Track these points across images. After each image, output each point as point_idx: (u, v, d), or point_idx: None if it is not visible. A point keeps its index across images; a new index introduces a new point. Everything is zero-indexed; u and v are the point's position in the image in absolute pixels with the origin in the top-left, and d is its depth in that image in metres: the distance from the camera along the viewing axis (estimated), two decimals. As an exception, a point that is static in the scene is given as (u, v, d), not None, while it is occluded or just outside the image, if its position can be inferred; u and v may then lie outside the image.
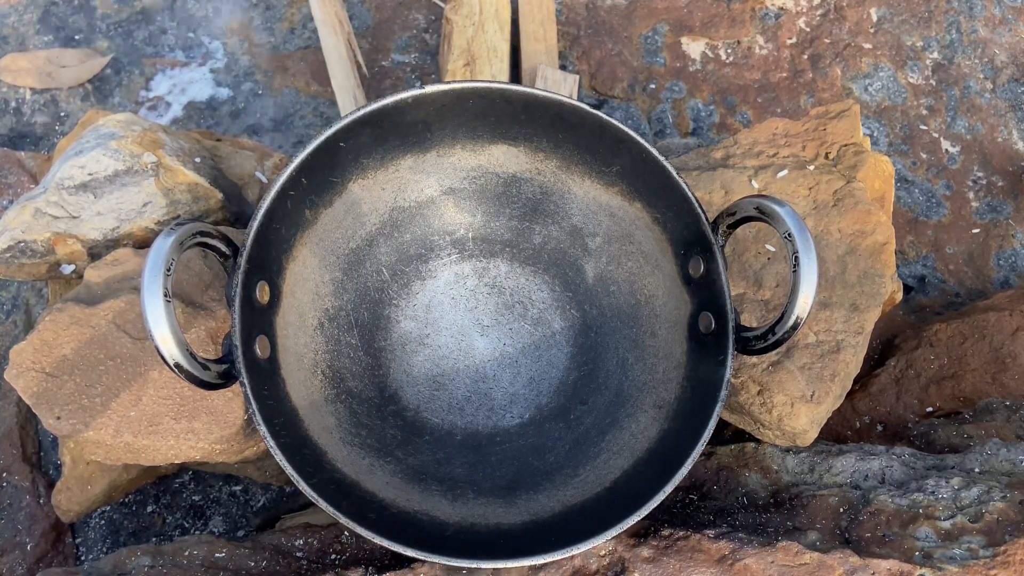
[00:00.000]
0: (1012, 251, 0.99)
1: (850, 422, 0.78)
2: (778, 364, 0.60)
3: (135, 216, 0.63)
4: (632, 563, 0.52)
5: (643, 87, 1.06)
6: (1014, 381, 0.74)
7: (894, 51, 1.10)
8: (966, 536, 0.53)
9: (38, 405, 0.53)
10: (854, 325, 0.60)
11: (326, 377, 0.59)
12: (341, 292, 0.62)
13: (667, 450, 0.55)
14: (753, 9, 1.10)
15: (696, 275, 0.59)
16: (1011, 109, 1.07)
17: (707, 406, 0.54)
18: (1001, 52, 1.11)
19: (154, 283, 0.43)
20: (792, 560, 0.51)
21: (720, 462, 0.64)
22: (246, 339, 0.51)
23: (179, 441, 0.54)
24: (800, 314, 0.50)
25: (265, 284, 0.54)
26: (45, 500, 0.75)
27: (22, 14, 1.04)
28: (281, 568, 0.57)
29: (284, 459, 0.48)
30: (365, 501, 0.52)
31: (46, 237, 0.61)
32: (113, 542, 0.77)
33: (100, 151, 0.62)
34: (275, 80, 1.03)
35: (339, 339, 0.62)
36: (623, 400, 0.63)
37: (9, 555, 0.72)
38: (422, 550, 0.48)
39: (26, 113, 0.99)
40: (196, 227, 0.48)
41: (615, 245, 0.65)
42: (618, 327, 0.65)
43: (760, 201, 0.52)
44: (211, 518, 0.79)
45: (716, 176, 0.68)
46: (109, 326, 0.55)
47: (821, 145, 0.70)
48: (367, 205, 0.63)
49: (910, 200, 1.02)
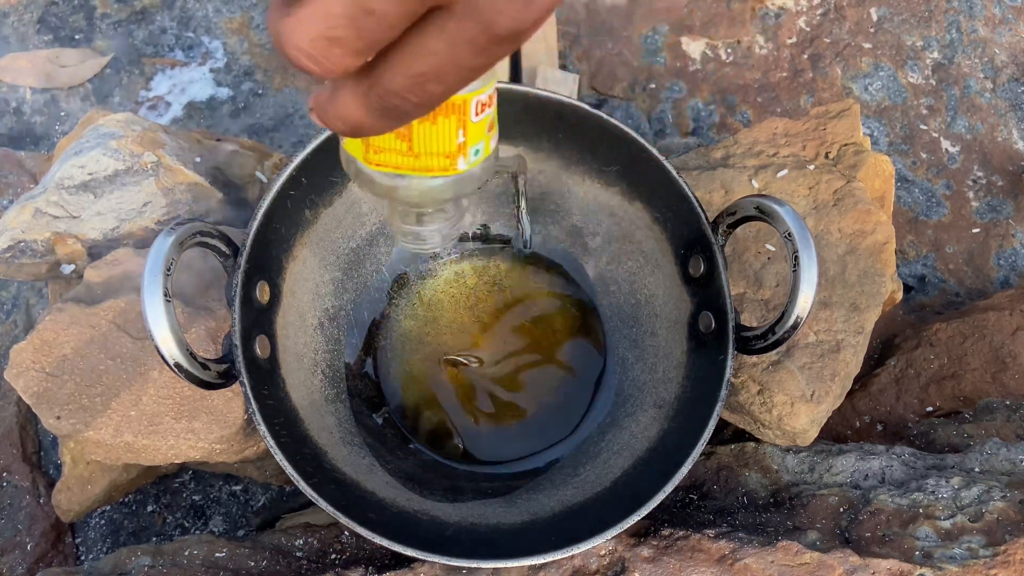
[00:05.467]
0: (1012, 251, 0.99)
1: (850, 422, 0.78)
2: (778, 364, 0.60)
3: (135, 216, 0.62)
4: (632, 563, 0.52)
5: (643, 87, 1.06)
6: (1014, 381, 0.74)
7: (894, 51, 1.10)
8: (966, 536, 0.53)
9: (38, 405, 0.53)
10: (854, 325, 0.60)
11: (326, 377, 0.59)
12: (341, 292, 0.62)
13: (667, 450, 0.55)
14: (753, 9, 1.10)
15: (696, 275, 0.59)
16: (1011, 109, 1.07)
17: (707, 406, 0.54)
18: (1001, 52, 1.10)
19: (154, 283, 0.43)
20: (792, 560, 0.51)
21: (720, 462, 0.64)
22: (246, 339, 0.51)
23: (179, 441, 0.54)
24: (800, 314, 0.50)
25: (265, 284, 0.54)
26: (45, 500, 0.75)
27: (22, 14, 1.04)
28: (281, 568, 0.57)
29: (284, 459, 0.48)
30: (365, 501, 0.52)
31: (46, 237, 0.61)
32: (113, 542, 0.77)
33: (100, 151, 0.62)
34: (275, 80, 1.03)
35: (339, 339, 0.62)
36: (623, 399, 0.63)
37: (9, 555, 0.72)
38: (422, 550, 0.48)
39: (26, 113, 0.99)
40: (196, 227, 0.48)
41: (615, 245, 0.65)
42: (618, 326, 0.65)
43: (760, 201, 0.52)
44: (211, 518, 0.79)
45: (716, 176, 0.68)
46: (109, 326, 0.55)
47: (821, 145, 0.70)
48: (367, 205, 0.63)
49: (910, 200, 1.02)
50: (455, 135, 0.30)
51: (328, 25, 0.21)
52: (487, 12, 0.21)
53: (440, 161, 0.31)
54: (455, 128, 0.30)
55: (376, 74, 0.23)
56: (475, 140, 0.31)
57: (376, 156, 0.31)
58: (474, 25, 0.21)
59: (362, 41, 0.21)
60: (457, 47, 0.22)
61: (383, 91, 0.23)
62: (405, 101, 0.23)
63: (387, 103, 0.23)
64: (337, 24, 0.21)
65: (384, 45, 0.22)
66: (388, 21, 0.21)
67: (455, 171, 0.31)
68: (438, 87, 0.23)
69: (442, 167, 0.31)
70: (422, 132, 0.29)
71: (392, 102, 0.23)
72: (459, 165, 0.31)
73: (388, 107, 0.24)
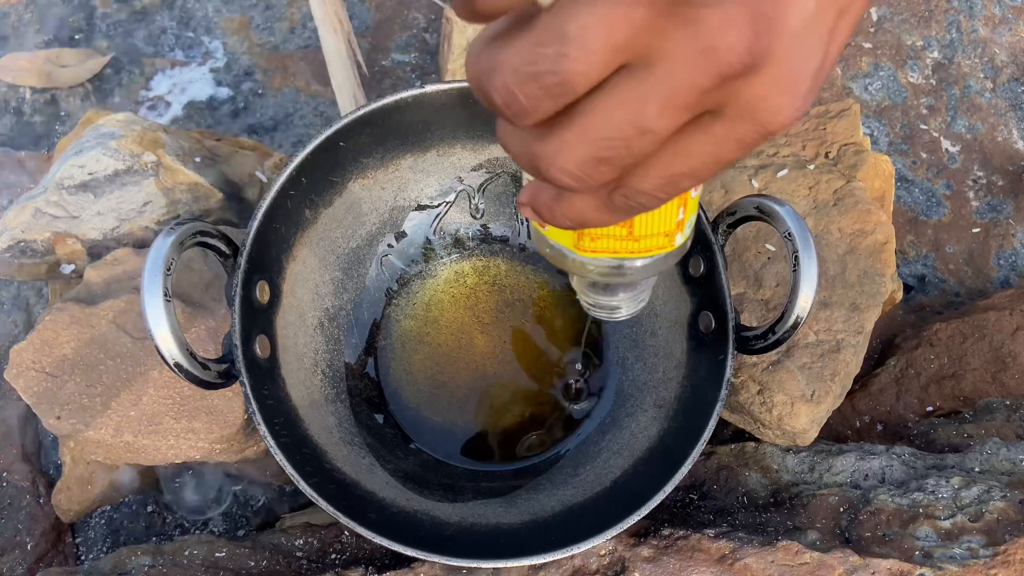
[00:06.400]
0: (1012, 250, 0.99)
1: (850, 421, 0.78)
2: (778, 363, 0.59)
3: (135, 216, 0.62)
4: (632, 563, 0.52)
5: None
6: (1014, 380, 0.74)
7: (894, 50, 1.10)
8: (966, 535, 0.53)
9: (38, 405, 0.53)
10: (854, 324, 0.60)
11: (326, 377, 0.59)
12: (341, 292, 0.62)
13: (667, 449, 0.55)
14: (753, 8, 1.10)
15: (696, 274, 0.59)
16: (1011, 108, 1.07)
17: (707, 406, 0.54)
18: (1001, 51, 1.10)
19: (154, 283, 0.43)
20: (792, 559, 0.51)
21: (720, 462, 0.64)
22: (246, 339, 0.51)
23: (179, 441, 0.54)
24: (800, 313, 0.50)
25: (265, 284, 0.54)
26: (45, 500, 0.75)
27: (22, 14, 1.04)
28: (281, 568, 0.57)
29: (284, 459, 0.48)
30: (365, 501, 0.52)
31: (46, 237, 0.61)
32: (113, 542, 0.77)
33: (100, 151, 0.62)
34: (275, 79, 1.03)
35: (339, 339, 0.62)
36: (623, 399, 0.63)
37: (9, 555, 0.72)
38: (422, 550, 0.48)
39: (26, 113, 0.99)
40: (196, 227, 0.48)
41: (615, 245, 0.65)
42: (618, 326, 0.65)
43: (760, 200, 0.52)
44: (211, 518, 0.79)
45: (716, 175, 0.68)
46: (109, 326, 0.55)
47: (821, 144, 0.70)
48: (367, 205, 0.63)
49: (910, 199, 1.02)
50: (676, 214, 0.28)
51: (600, 148, 0.20)
52: (764, 114, 0.20)
53: (659, 241, 0.29)
54: (676, 207, 0.28)
55: (626, 178, 0.21)
56: (691, 213, 0.29)
57: (592, 243, 0.29)
58: (747, 126, 0.20)
59: (632, 159, 0.20)
60: (722, 147, 0.20)
61: (631, 192, 0.22)
62: (652, 199, 0.22)
63: (631, 203, 0.22)
64: (610, 146, 0.20)
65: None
66: (662, 137, 0.20)
67: (672, 247, 0.30)
68: (690, 183, 0.22)
69: (660, 246, 0.29)
70: (645, 217, 0.28)
71: (639, 201, 0.22)
72: (676, 241, 0.29)
73: (631, 206, 0.22)
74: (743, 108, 0.20)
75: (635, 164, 0.21)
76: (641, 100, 0.19)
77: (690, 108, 0.19)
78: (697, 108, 0.20)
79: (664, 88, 0.19)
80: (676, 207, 0.28)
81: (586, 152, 0.20)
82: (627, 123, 0.19)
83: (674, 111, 0.19)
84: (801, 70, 0.19)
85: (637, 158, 0.20)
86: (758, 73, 0.19)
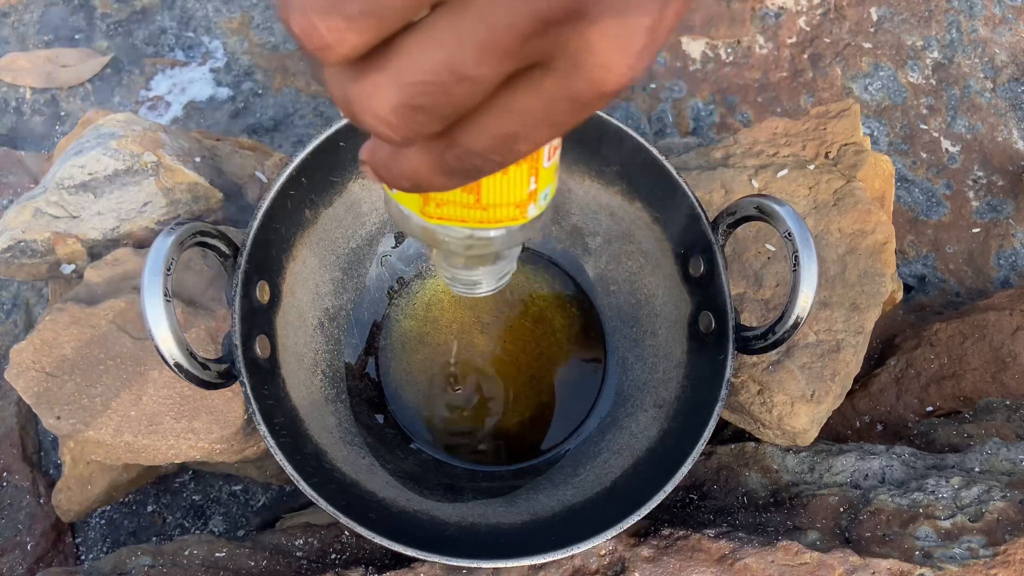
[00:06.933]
0: (1012, 250, 0.99)
1: (850, 421, 0.78)
2: (778, 363, 0.59)
3: (135, 216, 0.62)
4: (632, 563, 0.52)
5: (643, 87, 1.06)
6: (1014, 380, 0.74)
7: (894, 50, 1.10)
8: (966, 536, 0.53)
9: (38, 405, 0.53)
10: (854, 324, 0.60)
11: (326, 377, 0.59)
12: (341, 292, 0.62)
13: (667, 449, 0.55)
14: (753, 8, 1.10)
15: (696, 274, 0.59)
16: (1011, 108, 1.07)
17: (707, 406, 0.54)
18: (1001, 51, 1.10)
19: (154, 283, 0.43)
20: (792, 559, 0.51)
21: (720, 462, 0.64)
22: (246, 339, 0.51)
23: (179, 441, 0.54)
24: (800, 313, 0.50)
25: (265, 284, 0.54)
26: (45, 500, 0.75)
27: (22, 14, 1.04)
28: (281, 568, 0.57)
29: (284, 459, 0.48)
30: (365, 501, 0.52)
31: (46, 237, 0.61)
32: (113, 542, 0.77)
33: (100, 151, 0.62)
34: (275, 80, 1.03)
35: (339, 339, 0.62)
36: (623, 399, 0.63)
37: (9, 555, 0.72)
38: (422, 550, 0.48)
39: (26, 113, 0.99)
40: (196, 227, 0.48)
41: (615, 244, 0.65)
42: (618, 326, 0.65)
43: (760, 200, 0.52)
44: (211, 518, 0.79)
45: (716, 175, 0.68)
46: (109, 326, 0.55)
47: (821, 144, 0.70)
48: (367, 204, 0.63)
49: (910, 199, 1.02)
50: (527, 183, 0.27)
51: (414, 92, 0.18)
52: (594, 69, 0.18)
53: (510, 212, 0.28)
54: (527, 176, 0.27)
55: (455, 134, 0.20)
56: (545, 185, 0.28)
57: (438, 210, 0.28)
58: (577, 82, 0.19)
59: (451, 108, 0.19)
60: (555, 105, 0.19)
61: (462, 152, 0.20)
62: (487, 161, 0.21)
63: (465, 164, 0.21)
64: (424, 91, 0.18)
65: (473, 108, 0.19)
66: (483, 86, 0.18)
67: (524, 219, 0.28)
68: (526, 146, 0.20)
69: (511, 217, 0.28)
70: (492, 184, 0.26)
71: (473, 163, 0.21)
72: (529, 212, 0.28)
73: (466, 168, 0.21)
74: (572, 62, 0.18)
75: (461, 117, 0.19)
76: (457, 41, 0.17)
77: (512, 56, 0.18)
78: (522, 57, 0.18)
79: (481, 29, 0.17)
80: (526, 175, 0.27)
81: (400, 97, 0.18)
82: (442, 66, 0.18)
83: (494, 57, 0.18)
84: (633, 23, 0.18)
85: (459, 109, 0.19)
86: (585, 20, 0.17)
